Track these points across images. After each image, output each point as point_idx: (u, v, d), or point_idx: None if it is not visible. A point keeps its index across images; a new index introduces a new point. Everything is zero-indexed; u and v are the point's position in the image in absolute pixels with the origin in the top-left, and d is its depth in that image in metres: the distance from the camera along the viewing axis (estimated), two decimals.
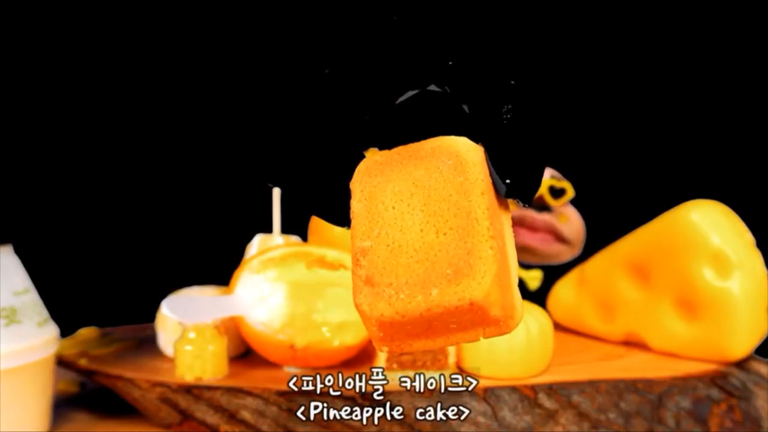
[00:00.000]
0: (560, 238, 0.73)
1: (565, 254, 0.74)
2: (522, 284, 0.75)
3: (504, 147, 0.28)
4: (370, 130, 0.30)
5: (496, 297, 0.25)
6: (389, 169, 0.28)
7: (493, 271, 0.25)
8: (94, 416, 0.58)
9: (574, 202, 0.76)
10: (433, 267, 0.26)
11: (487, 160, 0.28)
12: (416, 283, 0.26)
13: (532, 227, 0.73)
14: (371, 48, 0.30)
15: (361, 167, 0.29)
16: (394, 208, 0.28)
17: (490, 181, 0.28)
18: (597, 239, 0.72)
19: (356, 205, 0.28)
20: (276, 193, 0.65)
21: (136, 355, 0.61)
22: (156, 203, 0.92)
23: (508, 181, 0.28)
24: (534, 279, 0.74)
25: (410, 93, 0.29)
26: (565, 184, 0.72)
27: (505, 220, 0.29)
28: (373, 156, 0.29)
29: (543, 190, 0.72)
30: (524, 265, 0.75)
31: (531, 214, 0.72)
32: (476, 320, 0.26)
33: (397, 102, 0.29)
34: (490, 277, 0.25)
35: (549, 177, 0.73)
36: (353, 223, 0.28)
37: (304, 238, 0.67)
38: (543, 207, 0.72)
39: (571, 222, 0.73)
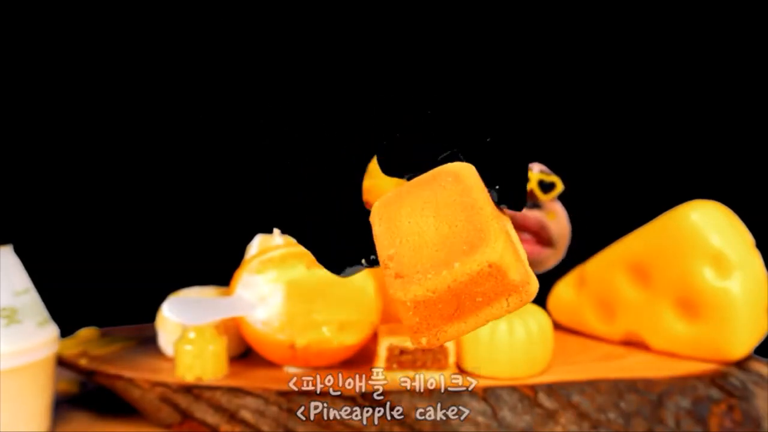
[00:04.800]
0: (548, 241, 0.72)
1: (551, 260, 0.74)
2: None
3: (489, 162, 0.34)
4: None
5: (510, 260, 0.30)
6: (400, 198, 0.34)
7: (502, 237, 0.30)
8: (94, 416, 0.58)
9: (573, 200, 0.76)
10: (452, 249, 0.31)
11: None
12: (440, 263, 0.30)
13: (523, 225, 0.72)
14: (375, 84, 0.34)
15: (377, 203, 0.35)
16: (409, 222, 0.33)
17: (485, 187, 0.33)
18: (597, 239, 0.72)
19: (377, 229, 0.34)
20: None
21: (136, 355, 0.61)
22: (156, 203, 0.92)
23: (497, 187, 0.33)
24: None
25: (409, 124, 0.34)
26: (555, 179, 0.72)
27: (505, 221, 0.33)
28: (386, 193, 0.35)
29: (533, 185, 0.72)
30: None
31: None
32: (498, 288, 0.30)
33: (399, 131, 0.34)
34: (501, 241, 0.30)
35: (538, 171, 0.73)
36: (377, 244, 0.33)
37: None
38: (533, 204, 0.72)
39: (559, 219, 0.73)
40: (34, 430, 0.51)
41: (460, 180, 0.33)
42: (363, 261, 0.37)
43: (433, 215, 0.32)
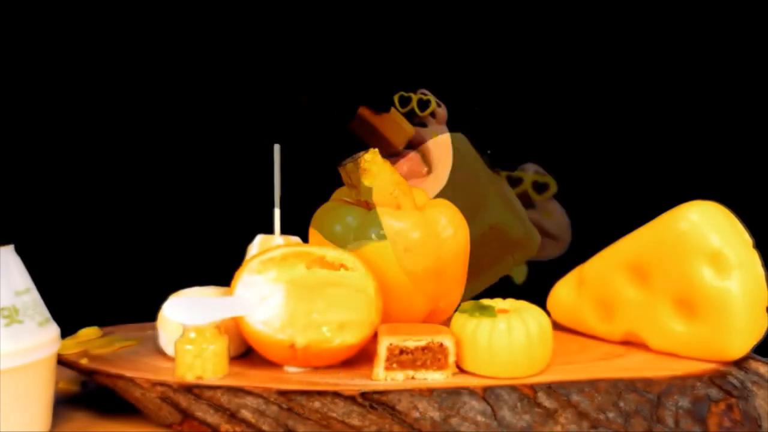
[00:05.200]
0: (545, 233, 0.72)
1: (551, 249, 0.73)
2: (509, 279, 0.75)
3: (478, 129, 0.36)
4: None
5: (509, 219, 0.33)
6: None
7: (499, 200, 0.32)
8: (94, 416, 0.58)
9: (573, 201, 0.76)
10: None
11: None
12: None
13: None
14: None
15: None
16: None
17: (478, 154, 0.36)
18: (597, 239, 0.73)
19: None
20: (277, 193, 0.65)
21: (136, 355, 0.61)
22: (157, 203, 0.92)
23: (489, 151, 0.36)
24: (520, 273, 0.74)
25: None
26: (549, 179, 0.72)
27: (501, 182, 0.37)
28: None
29: (527, 186, 0.72)
30: None
31: None
32: (503, 246, 0.34)
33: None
34: (498, 204, 0.33)
35: (533, 172, 0.73)
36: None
37: (305, 239, 0.68)
38: (528, 204, 0.72)
39: (554, 217, 0.73)
40: (34, 430, 0.51)
41: (456, 154, 0.35)
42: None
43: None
